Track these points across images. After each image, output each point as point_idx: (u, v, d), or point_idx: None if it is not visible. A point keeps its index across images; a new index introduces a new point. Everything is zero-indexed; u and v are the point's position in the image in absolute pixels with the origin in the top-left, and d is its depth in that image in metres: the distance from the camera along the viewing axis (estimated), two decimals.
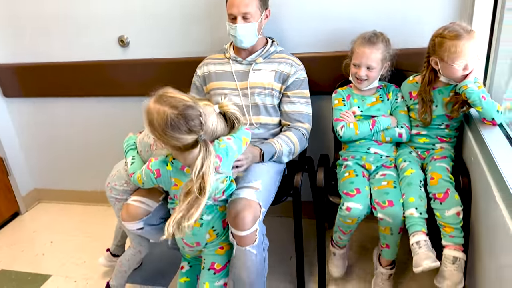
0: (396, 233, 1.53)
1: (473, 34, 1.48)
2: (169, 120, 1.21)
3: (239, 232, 1.38)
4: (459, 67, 1.50)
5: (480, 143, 1.47)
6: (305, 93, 1.79)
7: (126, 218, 1.57)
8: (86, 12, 2.15)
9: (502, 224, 1.17)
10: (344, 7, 1.86)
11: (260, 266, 1.44)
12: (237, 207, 1.40)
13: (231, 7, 1.69)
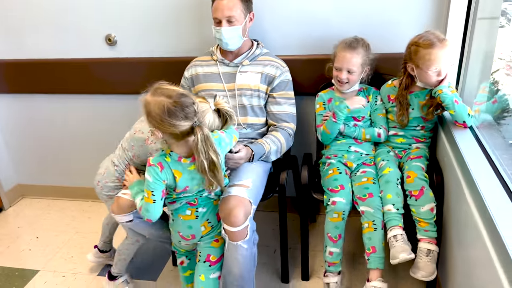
0: (379, 227, 1.59)
1: (445, 43, 1.59)
2: (166, 108, 1.29)
3: (232, 228, 1.46)
4: (433, 73, 1.61)
5: (452, 144, 1.59)
6: (290, 94, 1.87)
7: (117, 210, 1.63)
8: (74, 10, 2.17)
9: (471, 219, 1.28)
10: (327, 13, 1.94)
11: (250, 260, 1.52)
12: (230, 204, 1.47)
13: (215, 11, 1.75)
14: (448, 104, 1.59)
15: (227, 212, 1.46)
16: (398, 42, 1.86)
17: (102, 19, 2.16)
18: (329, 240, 1.68)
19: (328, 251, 1.69)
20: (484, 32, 1.73)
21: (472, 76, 1.79)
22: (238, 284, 1.53)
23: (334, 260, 1.69)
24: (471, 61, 1.78)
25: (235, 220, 1.45)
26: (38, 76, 2.36)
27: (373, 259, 1.60)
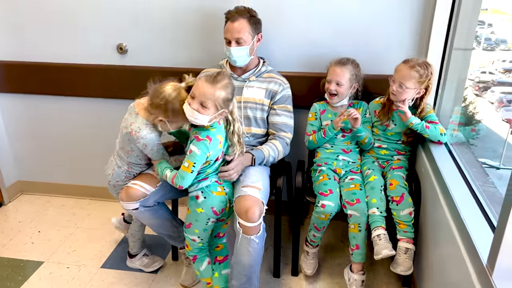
0: (363, 229, 1.83)
1: (415, 68, 1.81)
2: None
3: (249, 224, 1.66)
4: (395, 86, 1.86)
5: (430, 157, 1.83)
6: (289, 108, 2.08)
7: (125, 198, 1.80)
8: (87, 18, 2.32)
9: (444, 222, 1.51)
10: (326, 36, 2.17)
11: (259, 254, 1.73)
12: (247, 203, 1.68)
13: (226, 32, 1.95)
14: (421, 131, 1.85)
15: (245, 210, 1.66)
16: (386, 66, 2.10)
17: (116, 28, 2.32)
18: (314, 228, 1.96)
19: (312, 234, 2.01)
20: (458, 60, 1.99)
21: (448, 99, 2.04)
22: (246, 274, 1.73)
23: (315, 240, 2.04)
24: (447, 86, 2.03)
25: (252, 217, 1.65)
26: (44, 79, 2.49)
27: (356, 254, 1.87)
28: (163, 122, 1.69)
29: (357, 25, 2.13)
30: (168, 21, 2.26)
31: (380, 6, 2.07)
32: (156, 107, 1.66)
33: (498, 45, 10.14)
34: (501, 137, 8.02)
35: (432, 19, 1.98)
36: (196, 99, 1.58)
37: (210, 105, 1.58)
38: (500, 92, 9.67)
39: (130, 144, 1.78)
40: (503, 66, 10.08)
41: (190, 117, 1.61)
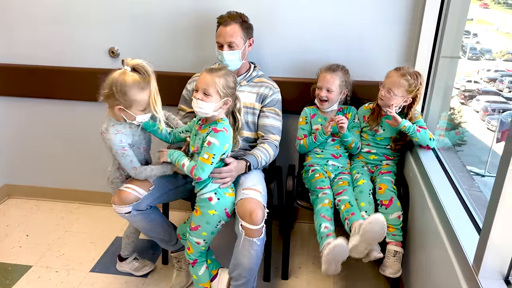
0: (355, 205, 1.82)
1: (405, 77, 1.86)
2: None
3: (252, 226, 1.67)
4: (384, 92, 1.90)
5: (418, 162, 1.87)
6: (278, 111, 2.10)
7: (117, 202, 1.78)
8: (80, 21, 2.33)
9: (432, 225, 1.54)
10: (315, 43, 2.21)
11: (259, 256, 1.74)
12: (251, 205, 1.69)
13: (219, 36, 1.98)
14: (412, 134, 1.89)
15: (249, 212, 1.68)
16: (374, 73, 2.15)
17: (108, 32, 2.33)
18: (322, 218, 1.80)
19: (323, 226, 1.78)
20: (445, 68, 2.04)
21: (435, 106, 2.09)
22: (246, 276, 1.75)
23: (329, 232, 1.77)
24: (434, 93, 2.08)
25: (256, 219, 1.67)
26: (34, 81, 2.48)
27: (351, 219, 1.75)
28: (123, 111, 1.67)
29: (347, 32, 2.17)
30: (161, 25, 2.28)
31: (370, 15, 2.12)
32: (108, 97, 1.66)
33: (483, 55, 10.33)
34: (486, 145, 8.13)
35: (420, 28, 2.03)
36: (200, 90, 1.66)
37: (212, 92, 1.65)
38: (485, 101, 9.84)
39: (106, 145, 1.78)
40: (487, 75, 10.26)
41: (196, 109, 1.67)
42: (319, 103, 2.05)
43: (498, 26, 11.63)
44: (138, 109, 1.68)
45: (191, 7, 2.22)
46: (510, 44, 11.21)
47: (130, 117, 1.70)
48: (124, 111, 1.67)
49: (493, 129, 8.60)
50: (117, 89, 1.63)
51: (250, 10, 2.07)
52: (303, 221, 2.58)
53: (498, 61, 10.97)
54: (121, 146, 1.72)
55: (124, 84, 1.63)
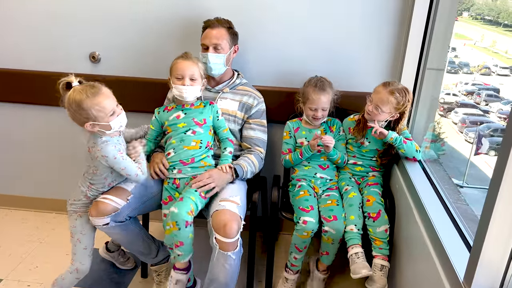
0: (336, 243, 1.84)
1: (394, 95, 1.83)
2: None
3: (226, 239, 1.61)
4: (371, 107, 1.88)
5: (404, 174, 1.86)
6: (264, 123, 2.07)
7: (94, 214, 1.70)
8: (60, 24, 2.25)
9: (420, 239, 1.52)
10: (300, 54, 2.19)
11: (235, 269, 1.68)
12: (225, 218, 1.63)
13: (204, 38, 1.95)
14: (399, 145, 1.87)
15: (223, 224, 1.61)
16: (359, 83, 2.15)
17: (89, 37, 2.26)
18: (295, 248, 1.90)
19: (293, 256, 1.93)
20: (431, 80, 2.04)
21: (421, 117, 2.09)
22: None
23: (297, 263, 1.96)
24: (420, 104, 2.08)
25: (230, 232, 1.60)
26: (9, 86, 2.39)
27: (324, 258, 1.94)
28: (95, 126, 1.59)
29: (333, 43, 2.15)
30: (143, 31, 2.22)
31: (355, 26, 2.11)
32: (75, 119, 1.62)
33: (461, 68, 10.60)
34: (465, 156, 8.28)
35: (406, 40, 2.03)
36: (186, 77, 1.77)
37: (197, 75, 1.79)
38: (463, 113, 10.05)
39: (94, 162, 1.68)
40: (465, 88, 10.53)
41: (183, 94, 1.78)
42: (313, 121, 2.02)
43: (475, 41, 11.95)
44: (106, 116, 1.59)
45: (175, 13, 2.17)
46: (487, 59, 11.53)
47: (106, 127, 1.61)
48: (96, 125, 1.60)
49: (470, 141, 8.80)
50: (74, 109, 1.58)
51: (236, 18, 2.04)
52: (288, 233, 2.53)
53: (476, 75, 11.28)
54: (117, 150, 1.64)
55: (76, 101, 1.57)
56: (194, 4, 2.14)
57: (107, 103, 1.59)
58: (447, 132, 9.98)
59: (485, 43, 12.16)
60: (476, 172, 8.22)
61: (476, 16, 11.75)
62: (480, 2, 11.67)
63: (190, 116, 1.83)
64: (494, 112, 9.99)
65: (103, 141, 1.63)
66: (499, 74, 11.77)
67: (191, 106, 1.86)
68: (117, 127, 1.65)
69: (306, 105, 1.99)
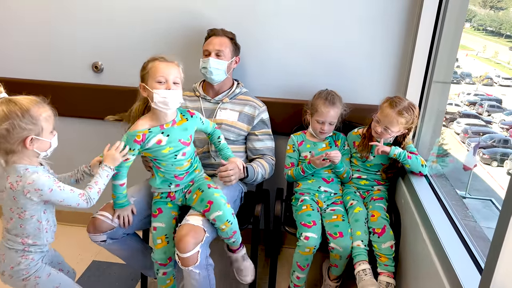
0: (344, 258, 1.80)
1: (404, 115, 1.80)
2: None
3: (182, 254, 1.57)
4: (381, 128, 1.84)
5: (410, 189, 1.82)
6: (269, 131, 2.06)
7: (92, 230, 1.68)
8: (63, 33, 2.24)
9: (427, 257, 1.49)
10: (305, 66, 2.16)
11: (204, 284, 1.63)
12: (182, 232, 1.59)
13: (207, 45, 1.95)
14: (403, 161, 1.84)
15: (178, 239, 1.58)
16: (364, 96, 2.12)
17: (92, 47, 2.24)
18: (297, 267, 1.85)
19: (296, 275, 1.88)
20: (437, 93, 2.02)
21: (427, 131, 2.06)
22: None
23: (300, 283, 1.90)
24: (426, 118, 2.05)
25: (184, 247, 1.56)
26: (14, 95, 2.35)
27: (334, 270, 1.92)
28: (36, 141, 1.36)
29: (337, 56, 2.13)
30: (146, 42, 2.20)
31: (361, 39, 2.09)
32: (6, 136, 1.32)
33: (464, 79, 10.61)
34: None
35: (412, 52, 2.00)
36: (170, 80, 1.57)
37: (179, 79, 1.62)
38: (465, 124, 10.06)
39: (19, 202, 1.37)
40: (468, 98, 10.54)
41: (167, 99, 1.56)
42: (319, 134, 2.00)
43: (477, 52, 11.99)
44: (48, 131, 1.40)
45: (179, 24, 2.16)
46: (489, 70, 11.57)
47: (44, 145, 1.39)
48: (37, 140, 1.36)
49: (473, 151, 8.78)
50: (19, 117, 1.32)
51: (240, 29, 2.04)
52: (291, 247, 2.48)
53: (478, 85, 11.30)
54: (53, 180, 1.38)
55: (24, 108, 1.33)
56: (197, 15, 2.13)
57: (51, 114, 1.41)
58: (450, 142, 9.96)
59: (487, 53, 12.20)
60: (478, 183, 8.19)
61: (478, 27, 11.78)
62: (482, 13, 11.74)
63: (174, 138, 1.63)
64: (497, 122, 9.98)
65: (32, 172, 1.35)
66: (501, 84, 11.81)
67: (172, 124, 1.64)
68: (52, 149, 1.43)
69: (314, 117, 1.97)
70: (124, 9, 2.17)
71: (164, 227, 1.71)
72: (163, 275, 1.74)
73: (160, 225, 1.71)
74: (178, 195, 1.78)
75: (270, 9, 2.09)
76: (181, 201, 1.79)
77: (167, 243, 1.70)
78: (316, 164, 1.90)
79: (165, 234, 1.70)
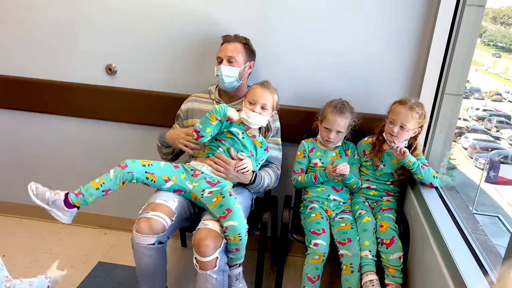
0: (356, 270, 1.75)
1: (415, 110, 1.82)
2: None
3: (201, 258, 1.57)
4: (393, 127, 1.85)
5: (420, 200, 1.81)
6: (278, 141, 2.04)
7: (146, 230, 1.62)
8: (78, 36, 2.26)
9: (437, 270, 1.47)
10: (317, 75, 2.17)
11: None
12: (201, 235, 1.59)
13: (220, 52, 1.96)
14: (416, 171, 1.83)
15: (197, 242, 1.58)
16: (376, 105, 2.12)
17: (107, 49, 2.26)
18: (307, 280, 1.79)
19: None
20: (449, 106, 2.01)
21: (438, 143, 2.05)
22: None
23: None
24: (437, 130, 2.04)
25: (204, 250, 1.56)
26: (27, 94, 2.39)
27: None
28: None
29: (349, 66, 2.13)
30: (161, 45, 2.22)
31: (374, 49, 2.09)
32: None
33: (473, 94, 10.59)
34: (474, 182, 8.20)
35: (425, 63, 2.01)
36: (258, 104, 1.82)
37: (269, 106, 1.86)
38: (473, 139, 10.00)
39: None
40: (476, 113, 10.51)
41: (250, 120, 1.81)
42: (326, 142, 2.00)
43: (487, 67, 11.96)
44: None
45: (194, 29, 2.17)
46: (499, 85, 11.52)
47: None
48: None
49: (481, 167, 8.72)
50: None
51: (255, 36, 2.04)
52: (296, 255, 2.47)
53: (487, 101, 11.25)
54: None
55: None
56: (213, 21, 2.14)
57: None
58: (458, 157, 9.89)
59: (497, 69, 12.18)
60: (485, 199, 8.11)
61: (488, 42, 11.78)
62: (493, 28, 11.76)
63: (246, 141, 1.84)
64: (505, 139, 9.93)
65: None
66: (510, 100, 11.75)
67: (252, 137, 1.86)
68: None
69: (322, 124, 1.97)
70: (139, 13, 2.19)
71: (173, 182, 1.76)
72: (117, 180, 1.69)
73: (172, 179, 1.76)
74: (201, 180, 1.78)
75: (283, 17, 2.10)
76: (194, 188, 1.77)
77: (155, 178, 1.73)
78: (330, 173, 1.90)
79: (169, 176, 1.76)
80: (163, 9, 2.16)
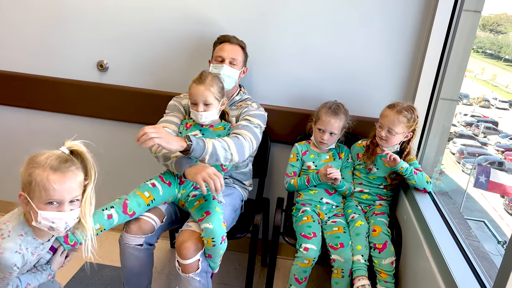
0: (346, 276, 1.74)
1: (403, 114, 1.81)
2: None
3: (182, 261, 1.55)
4: (383, 132, 1.85)
5: (413, 205, 1.80)
6: (258, 122, 1.84)
7: (135, 230, 1.62)
8: (69, 32, 2.22)
9: (430, 274, 1.46)
10: (311, 77, 2.15)
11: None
12: (183, 237, 1.57)
13: (221, 51, 1.90)
14: (409, 176, 1.82)
15: (179, 245, 1.56)
16: (370, 109, 2.11)
17: (98, 45, 2.22)
18: (294, 280, 1.79)
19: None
20: (444, 111, 2.01)
21: (431, 148, 2.05)
22: None
23: None
24: (431, 135, 2.04)
25: (185, 253, 1.54)
26: (16, 90, 2.33)
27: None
28: (27, 202, 1.22)
29: (344, 69, 2.12)
30: (153, 42, 2.18)
31: (369, 52, 2.08)
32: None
33: (461, 99, 10.71)
34: (461, 187, 8.27)
35: (421, 68, 2.00)
36: (199, 103, 1.73)
37: (211, 99, 1.74)
38: (461, 144, 10.10)
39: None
40: (464, 119, 10.64)
41: (199, 120, 1.76)
42: (319, 144, 1.98)
43: (476, 74, 12.11)
44: (43, 199, 1.21)
45: (186, 27, 2.14)
46: (487, 92, 11.67)
47: (32, 214, 1.21)
48: (28, 202, 1.21)
49: (467, 172, 8.82)
50: (25, 165, 1.28)
51: (248, 37, 2.02)
52: (286, 257, 2.45)
53: (475, 107, 11.38)
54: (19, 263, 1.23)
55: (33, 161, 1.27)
56: (205, 20, 2.11)
57: (59, 187, 1.20)
58: (445, 162, 10.00)
59: (485, 76, 12.33)
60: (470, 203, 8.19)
61: (477, 49, 11.92)
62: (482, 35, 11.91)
63: (208, 135, 1.77)
64: (492, 144, 10.04)
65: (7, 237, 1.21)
66: (498, 107, 11.92)
67: (210, 127, 1.81)
68: (45, 225, 1.20)
69: (316, 125, 1.96)
70: (132, 9, 2.15)
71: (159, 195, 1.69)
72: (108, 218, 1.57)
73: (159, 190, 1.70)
74: (187, 186, 1.77)
75: (280, 19, 2.08)
76: (182, 195, 1.76)
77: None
78: (322, 176, 1.88)
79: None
80: (157, 7, 2.13)
